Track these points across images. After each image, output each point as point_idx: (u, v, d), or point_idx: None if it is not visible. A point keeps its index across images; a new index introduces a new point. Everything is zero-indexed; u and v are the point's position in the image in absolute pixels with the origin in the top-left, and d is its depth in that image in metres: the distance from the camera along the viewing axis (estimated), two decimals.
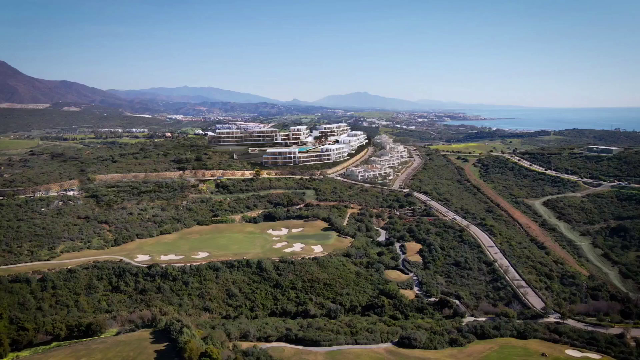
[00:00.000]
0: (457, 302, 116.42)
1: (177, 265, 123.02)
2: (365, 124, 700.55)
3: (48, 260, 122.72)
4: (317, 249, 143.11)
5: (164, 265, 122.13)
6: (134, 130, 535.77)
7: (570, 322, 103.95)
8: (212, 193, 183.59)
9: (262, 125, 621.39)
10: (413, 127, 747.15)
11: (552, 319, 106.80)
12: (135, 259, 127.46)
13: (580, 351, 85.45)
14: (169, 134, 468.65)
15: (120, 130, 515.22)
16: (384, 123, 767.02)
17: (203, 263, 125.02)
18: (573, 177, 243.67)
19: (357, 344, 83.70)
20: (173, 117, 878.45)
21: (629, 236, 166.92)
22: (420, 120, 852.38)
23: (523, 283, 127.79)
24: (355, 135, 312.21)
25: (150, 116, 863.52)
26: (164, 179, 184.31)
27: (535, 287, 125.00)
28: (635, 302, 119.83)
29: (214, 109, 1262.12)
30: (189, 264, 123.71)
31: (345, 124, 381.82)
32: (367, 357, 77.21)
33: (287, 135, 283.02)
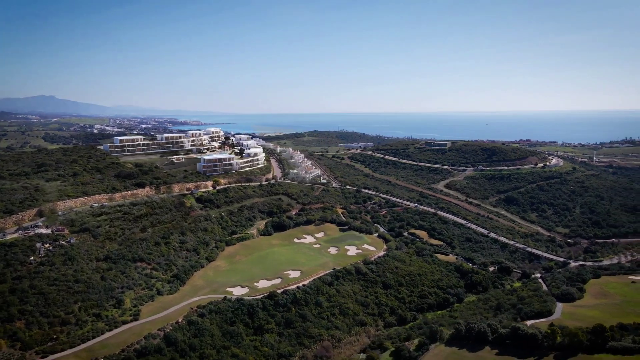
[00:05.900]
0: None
1: (290, 289, 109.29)
2: (95, 130, 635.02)
3: (136, 319, 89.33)
4: (371, 248, 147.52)
5: (279, 291, 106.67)
6: None
7: (588, 263, 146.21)
8: (201, 209, 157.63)
9: None
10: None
11: (573, 263, 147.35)
12: (234, 293, 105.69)
13: (637, 275, 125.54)
14: None
15: None
16: (116, 130, 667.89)
17: (313, 279, 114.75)
18: (440, 166, 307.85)
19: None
20: None
21: (520, 203, 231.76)
22: (144, 126, 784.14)
23: (521, 245, 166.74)
24: (252, 139, 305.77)
25: None
26: (149, 198, 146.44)
27: (532, 246, 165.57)
28: (580, 243, 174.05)
29: None
30: (300, 285, 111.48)
31: (220, 129, 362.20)
32: (583, 309, 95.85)
33: (194, 141, 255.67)
